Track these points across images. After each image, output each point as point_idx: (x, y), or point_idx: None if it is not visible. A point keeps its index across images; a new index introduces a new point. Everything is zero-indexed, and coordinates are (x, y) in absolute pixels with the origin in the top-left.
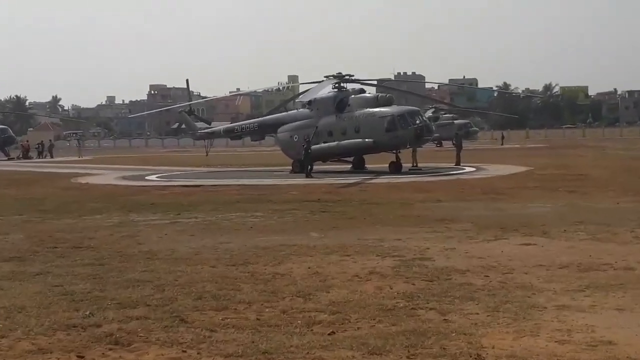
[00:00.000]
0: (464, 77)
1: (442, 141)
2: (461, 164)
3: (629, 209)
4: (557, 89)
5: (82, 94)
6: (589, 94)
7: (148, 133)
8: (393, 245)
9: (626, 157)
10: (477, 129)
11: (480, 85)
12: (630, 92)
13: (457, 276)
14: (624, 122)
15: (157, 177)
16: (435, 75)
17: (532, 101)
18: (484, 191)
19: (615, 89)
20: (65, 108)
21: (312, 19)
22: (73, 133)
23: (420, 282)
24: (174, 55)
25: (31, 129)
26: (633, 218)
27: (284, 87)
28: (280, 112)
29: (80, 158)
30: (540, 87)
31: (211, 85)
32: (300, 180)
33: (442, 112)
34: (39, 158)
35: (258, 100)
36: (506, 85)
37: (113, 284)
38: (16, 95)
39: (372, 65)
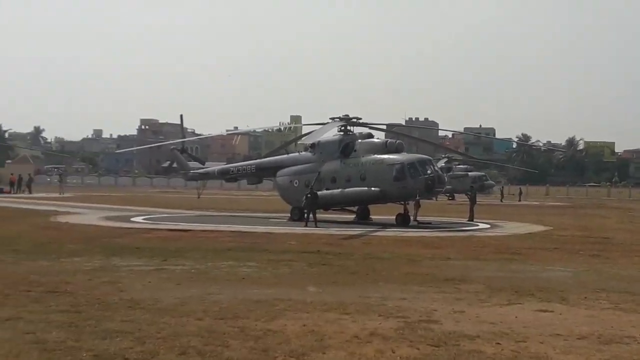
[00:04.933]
0: (481, 126)
1: (455, 194)
2: (475, 220)
3: None
4: (581, 144)
5: (67, 125)
6: (616, 150)
7: (136, 171)
8: (397, 305)
9: None
10: (493, 182)
11: (498, 136)
12: None
13: (465, 342)
14: None
15: (143, 219)
16: (450, 123)
17: (554, 156)
18: (498, 250)
19: None
20: (48, 140)
21: (320, 57)
22: (55, 168)
23: (426, 347)
24: (168, 89)
25: (9, 161)
26: None
27: (285, 128)
28: (280, 155)
29: (61, 195)
30: (563, 141)
31: (207, 122)
32: (299, 229)
33: (456, 163)
34: (19, 193)
35: (257, 141)
36: (526, 137)
37: (90, 334)
38: None
39: (381, 108)
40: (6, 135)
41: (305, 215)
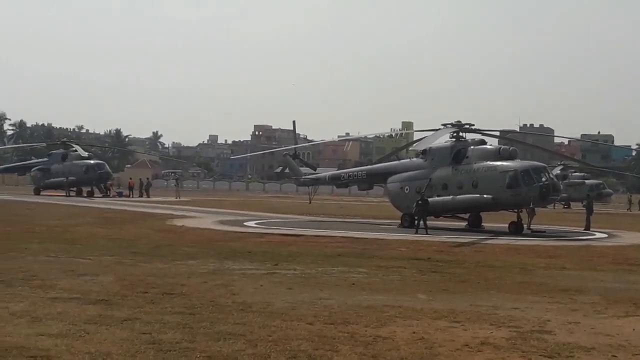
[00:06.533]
0: (599, 132)
1: (571, 202)
2: (591, 229)
3: None
4: None
5: (183, 131)
6: None
7: (250, 176)
8: (509, 314)
9: None
10: (610, 191)
11: (616, 143)
12: None
13: (580, 354)
14: None
15: (256, 224)
16: (566, 129)
17: None
18: (616, 261)
19: None
20: (166, 145)
21: (430, 62)
22: (172, 172)
23: (538, 358)
24: (281, 95)
25: (129, 165)
26: None
27: (396, 134)
28: (391, 161)
29: (178, 199)
30: None
31: (318, 128)
32: (410, 235)
33: (572, 170)
34: (138, 197)
35: (368, 147)
36: None
37: (203, 335)
38: (116, 129)
39: (494, 114)
40: (126, 140)
41: (416, 222)
